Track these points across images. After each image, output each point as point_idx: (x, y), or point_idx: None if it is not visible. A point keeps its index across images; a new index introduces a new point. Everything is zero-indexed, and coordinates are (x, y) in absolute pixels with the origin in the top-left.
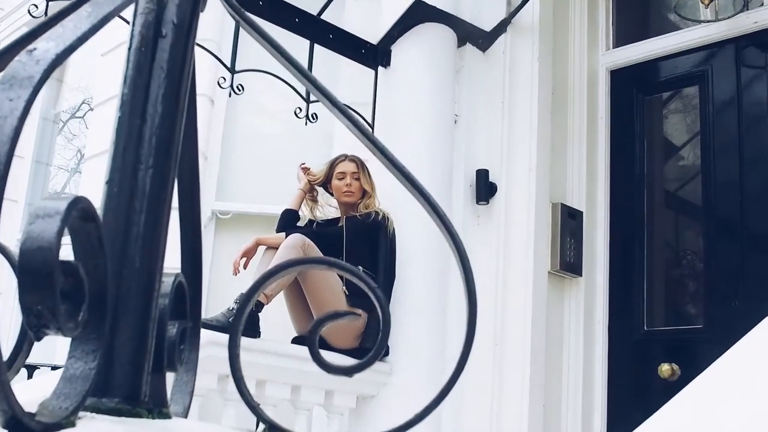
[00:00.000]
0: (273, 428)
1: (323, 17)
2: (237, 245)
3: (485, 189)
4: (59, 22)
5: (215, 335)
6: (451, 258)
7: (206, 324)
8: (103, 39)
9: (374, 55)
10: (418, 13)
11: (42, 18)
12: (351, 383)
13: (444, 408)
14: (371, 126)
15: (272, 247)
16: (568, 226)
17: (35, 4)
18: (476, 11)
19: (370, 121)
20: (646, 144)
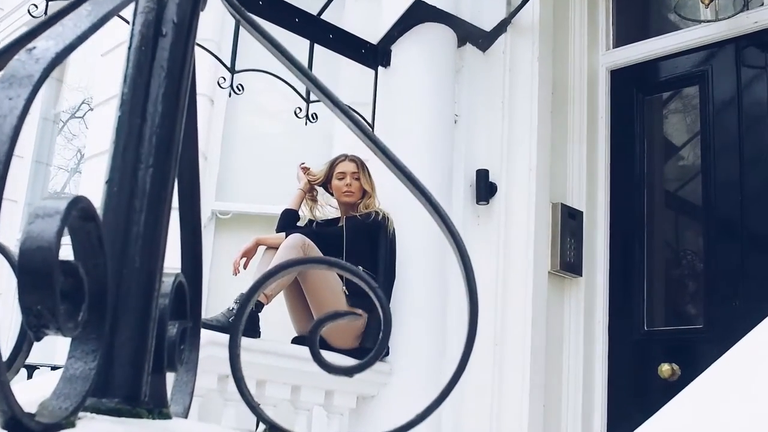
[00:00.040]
0: (273, 428)
1: (323, 17)
2: (237, 245)
3: (485, 189)
4: (59, 21)
5: (215, 335)
6: (451, 258)
7: (206, 324)
8: (103, 39)
9: (374, 55)
10: (418, 13)
11: (42, 18)
12: (351, 383)
13: (444, 408)
14: (371, 126)
15: (272, 247)
16: (568, 226)
17: (35, 4)
18: (476, 11)
19: (370, 121)
20: (646, 144)
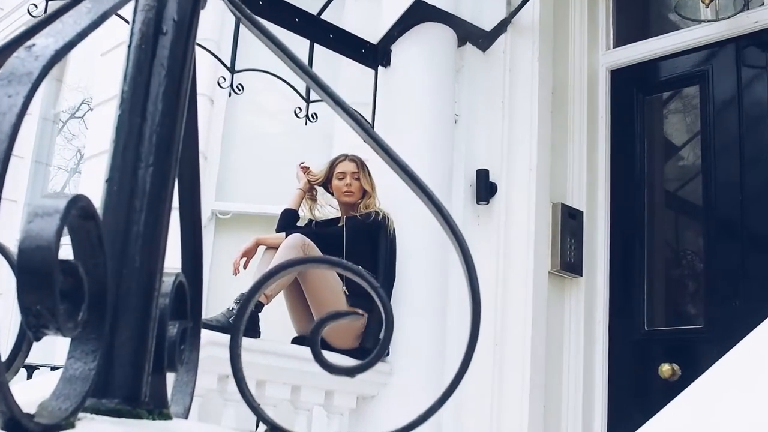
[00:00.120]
0: (274, 429)
1: (323, 17)
2: (237, 245)
3: (485, 189)
4: (59, 18)
5: (215, 335)
6: (452, 258)
7: (206, 324)
8: (103, 38)
9: (374, 55)
10: (418, 13)
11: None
12: (351, 383)
13: (444, 408)
14: (371, 126)
15: (272, 247)
16: (569, 226)
17: (35, 4)
18: (476, 11)
19: (370, 121)
20: (647, 144)
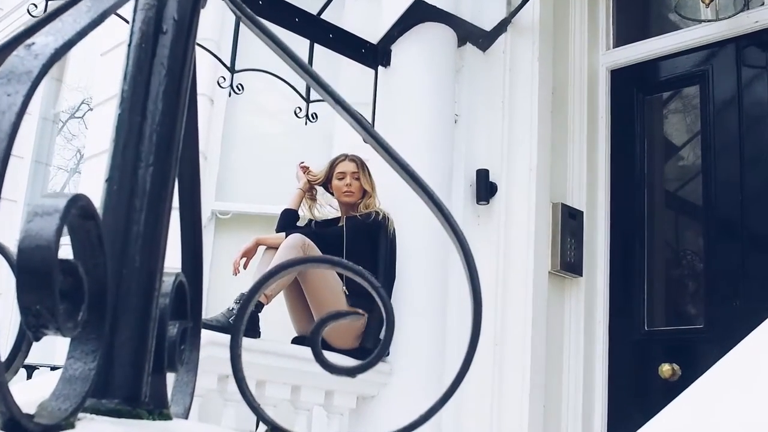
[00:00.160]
0: (275, 429)
1: (323, 17)
2: (237, 245)
3: (485, 189)
4: (58, 17)
5: (215, 335)
6: (452, 258)
7: (206, 324)
8: (103, 38)
9: (374, 55)
10: (418, 13)
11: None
12: (351, 383)
13: (444, 408)
14: (371, 125)
15: (272, 247)
16: (569, 226)
17: (34, 4)
18: (476, 11)
19: (370, 121)
20: (647, 144)
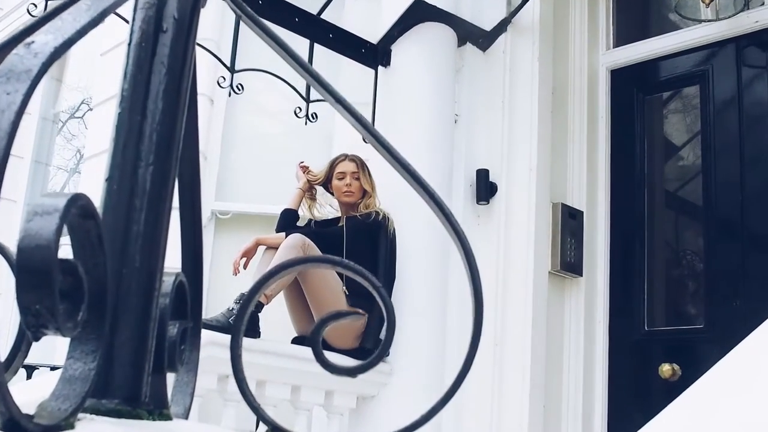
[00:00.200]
0: (275, 429)
1: (323, 17)
2: (237, 245)
3: (485, 189)
4: (58, 16)
5: (215, 335)
6: (452, 258)
7: (206, 324)
8: (103, 38)
9: (374, 55)
10: (418, 13)
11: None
12: (351, 384)
13: (445, 408)
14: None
15: (272, 247)
16: (569, 226)
17: (34, 4)
18: (476, 11)
19: (370, 121)
20: (647, 144)
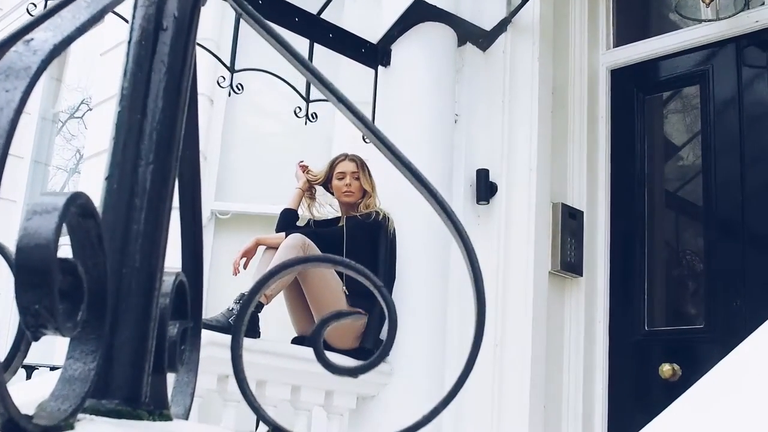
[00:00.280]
0: (276, 430)
1: (323, 16)
2: (237, 245)
3: (485, 189)
4: (57, 13)
5: (215, 335)
6: (452, 258)
7: (206, 324)
8: (102, 38)
9: (374, 55)
10: (418, 13)
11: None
12: (351, 384)
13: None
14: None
15: (272, 247)
16: (569, 226)
17: (34, 3)
18: (476, 10)
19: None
20: (647, 144)
